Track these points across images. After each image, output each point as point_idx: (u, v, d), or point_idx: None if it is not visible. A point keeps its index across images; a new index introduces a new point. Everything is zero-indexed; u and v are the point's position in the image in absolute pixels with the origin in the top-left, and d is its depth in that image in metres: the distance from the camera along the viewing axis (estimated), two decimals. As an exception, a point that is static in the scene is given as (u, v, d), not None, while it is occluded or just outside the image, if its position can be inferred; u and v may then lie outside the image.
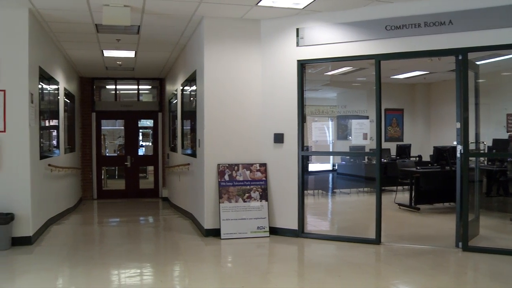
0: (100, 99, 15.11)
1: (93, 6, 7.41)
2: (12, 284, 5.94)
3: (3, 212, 7.34)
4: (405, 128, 16.78)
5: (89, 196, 14.30)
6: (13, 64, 7.47)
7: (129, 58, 11.51)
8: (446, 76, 14.29)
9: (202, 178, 8.19)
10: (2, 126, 7.41)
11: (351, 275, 6.01)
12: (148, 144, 15.66)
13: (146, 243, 8.53)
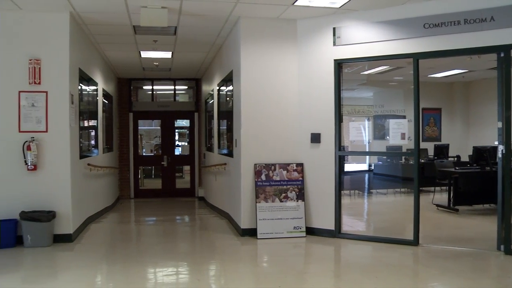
0: (137, 99, 15.32)
1: (131, 8, 7.52)
2: (55, 279, 6.11)
3: (45, 210, 7.54)
4: (443, 127, 16.50)
5: (126, 195, 14.52)
6: (54, 66, 7.65)
7: (166, 59, 11.64)
8: (486, 74, 14.00)
9: (239, 177, 8.22)
10: (44, 126, 7.61)
11: (388, 277, 5.94)
12: (184, 144, 15.78)
13: (183, 242, 8.60)
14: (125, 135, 14.60)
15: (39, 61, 7.57)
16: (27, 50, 7.59)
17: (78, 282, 5.85)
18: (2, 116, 7.57)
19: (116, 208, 12.48)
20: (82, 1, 7.22)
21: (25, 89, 7.56)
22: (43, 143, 7.60)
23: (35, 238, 7.36)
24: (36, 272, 6.40)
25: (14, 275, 6.28)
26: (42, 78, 7.58)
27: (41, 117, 7.59)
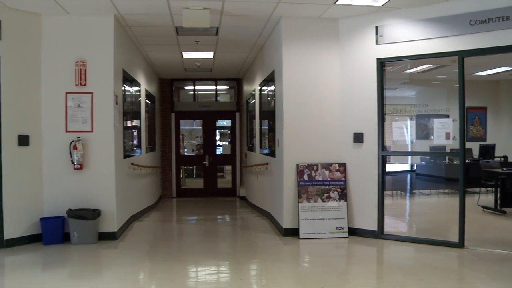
0: (179, 99, 15.49)
1: (173, 10, 7.61)
2: (99, 276, 6.25)
3: (91, 208, 7.71)
4: (488, 127, 16.09)
5: (168, 194, 14.70)
6: (99, 68, 7.83)
7: (208, 59, 11.73)
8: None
9: (281, 177, 8.22)
10: (90, 126, 7.78)
11: (433, 279, 5.82)
12: (225, 143, 15.88)
13: (224, 241, 8.65)
14: (167, 135, 14.78)
15: (85, 63, 7.76)
16: (74, 53, 7.78)
17: (122, 279, 5.95)
18: (50, 116, 7.80)
19: (159, 207, 12.65)
20: (126, 4, 7.35)
21: (71, 90, 7.76)
22: (88, 143, 7.79)
23: (81, 236, 7.54)
24: (82, 268, 6.56)
25: (62, 271, 6.47)
26: (88, 80, 7.77)
27: (86, 117, 7.77)
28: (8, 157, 7.42)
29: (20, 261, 6.86)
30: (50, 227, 7.59)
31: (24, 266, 6.62)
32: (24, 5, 7.35)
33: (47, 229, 7.58)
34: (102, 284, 5.81)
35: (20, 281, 5.88)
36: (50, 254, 7.16)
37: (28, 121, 7.67)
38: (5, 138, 7.38)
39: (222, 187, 15.27)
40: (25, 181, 7.65)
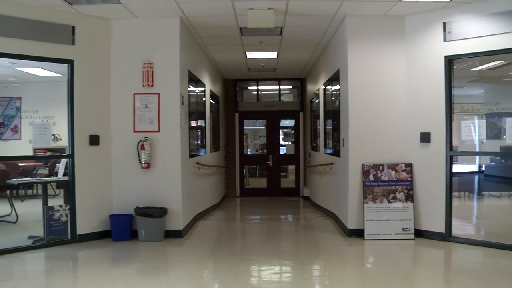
0: (242, 99, 15.61)
1: (238, 11, 7.67)
2: (166, 273, 6.37)
3: (158, 206, 7.90)
4: None
5: (232, 194, 14.84)
6: (166, 69, 8.00)
7: (271, 59, 11.76)
8: None
9: (346, 177, 8.13)
10: (157, 126, 7.97)
11: (505, 286, 5.60)
12: (289, 143, 15.88)
13: (287, 241, 8.66)
14: (231, 135, 14.94)
15: (152, 65, 7.95)
16: (141, 55, 8.00)
17: (188, 277, 6.06)
18: (119, 117, 8.06)
19: (222, 206, 12.79)
20: (191, 6, 7.48)
21: (139, 92, 7.99)
22: (155, 142, 7.98)
23: (148, 233, 7.73)
24: (149, 265, 6.72)
25: (130, 266, 6.69)
26: (155, 81, 7.96)
27: (153, 117, 7.97)
28: (80, 156, 7.72)
29: (91, 256, 7.13)
30: (118, 224, 7.83)
31: (95, 260, 6.88)
32: (96, 11, 7.62)
33: (116, 226, 7.83)
34: (168, 281, 5.93)
35: (92, 275, 6.10)
36: (119, 250, 7.39)
37: (98, 121, 7.96)
38: (78, 138, 7.69)
39: (285, 186, 15.27)
40: (95, 179, 7.93)
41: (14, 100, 15.43)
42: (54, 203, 7.77)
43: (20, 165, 11.98)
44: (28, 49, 7.27)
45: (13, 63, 11.28)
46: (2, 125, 15.50)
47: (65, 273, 6.46)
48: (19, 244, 7.48)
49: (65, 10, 7.46)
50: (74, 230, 7.69)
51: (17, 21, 7.08)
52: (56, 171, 9.54)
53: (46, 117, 13.57)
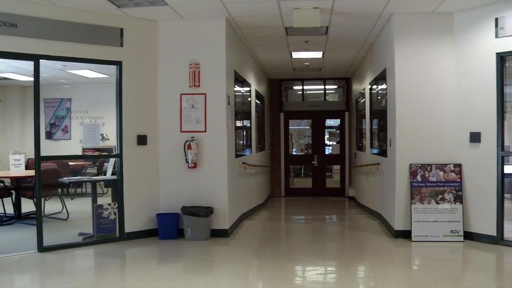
0: (287, 99, 15.59)
1: (283, 10, 7.67)
2: (211, 271, 6.46)
3: (204, 206, 7.97)
4: None
5: (277, 194, 14.85)
6: (212, 69, 8.07)
7: (317, 59, 11.71)
8: None
9: (393, 178, 8.02)
10: (203, 126, 8.05)
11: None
12: (334, 143, 15.77)
13: (333, 242, 8.61)
14: (276, 135, 14.95)
15: (198, 65, 8.04)
16: (188, 55, 8.09)
17: (233, 276, 6.10)
18: (166, 117, 8.17)
19: (268, 206, 12.80)
20: (237, 7, 7.51)
21: (186, 92, 8.09)
22: (202, 142, 8.06)
23: (195, 232, 7.81)
24: (195, 263, 6.81)
25: (176, 265, 6.76)
26: (201, 81, 8.04)
27: (200, 117, 8.05)
28: (128, 156, 7.87)
29: (138, 254, 7.26)
30: (165, 222, 7.95)
31: (142, 258, 7.00)
32: (143, 13, 7.74)
33: (162, 225, 7.95)
34: (214, 280, 5.98)
35: (139, 272, 6.20)
36: (166, 249, 7.50)
37: (146, 121, 8.09)
38: (126, 138, 7.85)
39: (330, 187, 15.18)
40: (143, 178, 8.07)
41: (65, 101, 15.91)
42: (102, 202, 7.96)
43: (70, 164, 12.30)
44: (78, 52, 7.47)
45: (64, 65, 11.64)
46: (53, 126, 16.00)
47: (114, 270, 6.61)
48: (70, 240, 7.73)
49: (114, 13, 7.63)
50: (122, 228, 7.84)
51: (68, 25, 7.30)
52: (104, 170, 9.77)
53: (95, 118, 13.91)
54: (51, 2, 7.07)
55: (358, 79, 12.98)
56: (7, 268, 6.49)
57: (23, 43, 7.02)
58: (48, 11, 7.14)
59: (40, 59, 7.22)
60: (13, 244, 7.81)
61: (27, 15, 6.97)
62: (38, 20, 7.06)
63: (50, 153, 7.50)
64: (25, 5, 6.96)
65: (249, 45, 10.24)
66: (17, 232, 8.76)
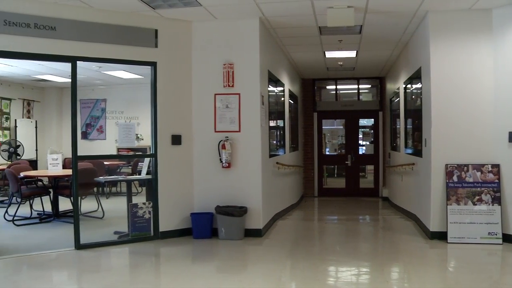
0: (320, 99, 15.53)
1: (317, 10, 7.63)
2: (245, 271, 6.49)
3: (238, 205, 7.99)
4: None
5: (310, 194, 14.79)
6: (246, 69, 8.09)
7: (350, 58, 11.62)
8: None
9: (429, 178, 7.89)
10: (237, 126, 8.08)
11: None
12: (367, 143, 15.64)
13: (366, 242, 8.53)
14: (309, 135, 14.91)
15: (232, 65, 8.06)
16: (222, 56, 8.12)
17: (267, 276, 6.09)
18: (201, 117, 8.23)
19: (301, 206, 12.76)
20: (271, 7, 7.51)
21: (220, 92, 8.12)
22: (236, 142, 8.08)
23: (229, 231, 7.84)
24: (229, 263, 6.85)
25: (210, 264, 6.81)
26: (235, 81, 8.07)
27: (234, 117, 8.08)
28: (162, 155, 7.95)
29: (173, 253, 7.33)
30: (199, 222, 8.00)
31: (176, 257, 7.07)
32: (178, 14, 7.81)
33: (197, 224, 8.00)
34: (248, 280, 5.99)
35: (174, 271, 6.28)
36: (200, 248, 7.55)
37: (180, 121, 8.16)
38: (160, 138, 7.92)
39: (364, 187, 15.06)
40: (177, 178, 8.14)
41: (100, 102, 16.20)
42: (137, 201, 8.06)
43: (105, 163, 12.50)
44: (114, 53, 7.58)
45: (100, 66, 11.85)
46: (89, 126, 16.30)
47: (148, 268, 6.69)
48: (105, 239, 7.86)
49: (149, 15, 7.71)
50: (156, 227, 7.92)
51: (104, 27, 7.42)
52: (139, 170, 9.91)
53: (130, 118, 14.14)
54: (87, 5, 7.20)
55: (392, 78, 12.84)
56: (46, 265, 6.67)
57: (61, 45, 7.17)
58: (85, 14, 7.28)
59: (77, 61, 7.38)
60: (51, 241, 7.98)
61: (65, 18, 7.13)
62: (75, 22, 7.20)
63: (85, 153, 7.64)
64: (63, 8, 7.11)
65: (282, 45, 10.23)
66: (55, 230, 8.95)
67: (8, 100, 15.06)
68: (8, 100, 15.06)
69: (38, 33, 6.95)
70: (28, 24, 6.87)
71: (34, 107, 16.27)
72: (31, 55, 7.24)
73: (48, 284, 5.97)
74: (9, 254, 7.03)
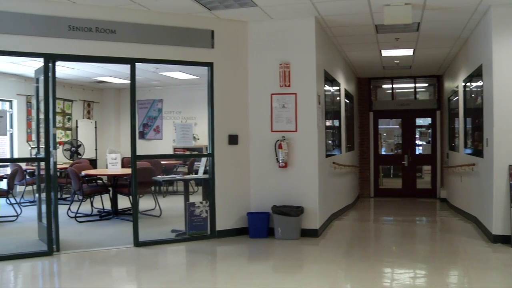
0: (376, 98, 15.32)
1: (374, 8, 7.54)
2: (301, 271, 6.51)
3: (294, 205, 7.98)
4: None
5: (366, 194, 14.62)
6: (302, 69, 8.08)
7: (407, 56, 11.42)
8: None
9: (491, 179, 7.63)
10: (294, 126, 8.07)
11: None
12: (424, 143, 15.31)
13: (424, 244, 8.35)
14: (365, 134, 14.74)
15: (288, 65, 8.06)
16: (277, 56, 8.14)
17: (323, 276, 6.06)
18: (257, 117, 8.28)
19: (357, 206, 12.63)
20: (327, 5, 7.47)
21: (276, 92, 8.14)
22: (292, 142, 8.08)
23: (285, 231, 7.84)
24: (285, 262, 6.84)
25: (266, 263, 6.86)
26: (292, 81, 8.06)
27: (290, 117, 8.07)
28: (219, 155, 8.04)
29: (229, 251, 7.41)
30: (256, 221, 8.03)
31: (233, 256, 7.15)
32: (233, 15, 7.88)
33: (253, 224, 8.04)
34: (305, 280, 5.97)
35: (230, 269, 6.33)
36: (256, 247, 7.59)
37: (237, 121, 8.23)
38: (217, 138, 8.02)
39: (421, 187, 14.76)
40: (234, 178, 8.21)
41: (157, 102, 16.53)
42: (194, 200, 8.18)
43: (162, 163, 12.74)
44: (172, 54, 7.74)
45: (157, 67, 12.08)
46: (146, 126, 16.66)
47: (205, 266, 6.78)
48: (163, 236, 8.04)
49: (205, 16, 7.81)
50: (213, 226, 8.01)
51: (162, 29, 7.57)
52: (195, 169, 10.06)
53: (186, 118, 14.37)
54: (146, 8, 7.36)
55: (450, 76, 12.52)
56: (107, 260, 6.89)
57: (121, 47, 7.37)
58: (143, 16, 7.44)
59: (136, 62, 7.56)
60: (111, 238, 8.21)
61: (124, 21, 7.33)
62: (134, 25, 7.38)
63: (143, 153, 7.81)
64: (123, 12, 7.31)
65: (338, 44, 10.16)
66: (114, 227, 9.20)
67: (70, 102, 15.59)
68: (70, 102, 15.59)
69: (99, 36, 7.17)
70: (90, 28, 7.10)
71: (93, 108, 16.77)
72: (93, 57, 7.49)
73: (109, 279, 6.16)
74: (73, 249, 7.31)
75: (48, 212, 7.04)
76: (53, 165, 7.06)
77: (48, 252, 6.97)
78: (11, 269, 6.52)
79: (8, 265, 6.57)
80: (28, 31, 6.81)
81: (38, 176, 8.45)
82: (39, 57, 7.16)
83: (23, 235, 8.37)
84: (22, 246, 7.45)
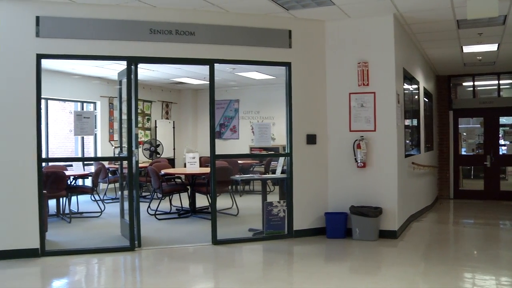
0: (456, 96, 14.83)
1: (455, 2, 7.29)
2: (378, 272, 6.41)
3: (372, 206, 7.87)
4: None
5: (445, 195, 14.18)
6: (381, 67, 7.96)
7: (491, 52, 10.96)
8: None
9: None
10: (373, 125, 7.96)
11: None
12: (509, 142, 14.65)
13: (509, 250, 7.92)
14: (445, 134, 14.29)
15: (366, 64, 7.96)
16: (355, 54, 8.06)
17: (400, 279, 5.93)
18: (335, 116, 8.24)
19: (435, 208, 12.27)
20: (405, 2, 7.30)
21: (354, 91, 8.06)
22: (371, 141, 7.97)
23: (363, 232, 7.75)
24: (362, 263, 6.77)
25: (343, 264, 6.82)
26: (370, 80, 7.96)
27: (369, 117, 7.96)
28: (297, 155, 8.05)
29: (307, 251, 7.40)
30: (333, 222, 7.98)
31: (310, 256, 7.13)
32: (310, 14, 7.86)
33: (330, 224, 7.99)
34: (384, 282, 5.87)
35: (307, 269, 6.31)
36: (333, 247, 7.55)
37: (315, 121, 8.21)
38: (295, 137, 8.03)
39: (505, 190, 14.11)
40: (312, 177, 8.19)
41: (233, 102, 16.76)
42: (270, 199, 8.23)
43: (239, 162, 12.89)
44: (249, 55, 7.83)
45: (234, 68, 12.24)
46: (222, 126, 16.93)
47: (282, 266, 6.83)
48: (240, 235, 8.15)
49: (282, 16, 7.84)
50: (290, 225, 8.03)
51: (239, 30, 7.68)
52: (273, 169, 10.11)
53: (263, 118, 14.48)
54: (224, 10, 7.47)
55: (538, 72, 11.94)
56: (185, 257, 7.12)
57: (200, 49, 7.53)
58: (221, 18, 7.57)
59: (215, 63, 7.69)
60: (189, 235, 8.41)
61: (203, 23, 7.49)
62: (212, 27, 7.52)
63: (219, 152, 7.93)
64: (201, 14, 7.47)
65: (416, 41, 9.91)
66: (192, 225, 9.40)
67: (149, 102, 16.08)
68: (149, 102, 16.08)
69: (179, 38, 7.37)
70: (170, 31, 7.31)
71: (171, 108, 17.22)
72: (173, 59, 7.73)
73: (187, 275, 6.34)
74: (153, 245, 7.56)
75: (130, 209, 7.32)
76: (135, 164, 7.31)
77: (130, 247, 7.24)
78: (96, 261, 6.85)
79: (93, 258, 6.92)
80: (112, 36, 7.12)
81: (121, 174, 8.79)
82: (122, 60, 7.44)
83: (107, 230, 8.74)
84: (106, 241, 7.81)
